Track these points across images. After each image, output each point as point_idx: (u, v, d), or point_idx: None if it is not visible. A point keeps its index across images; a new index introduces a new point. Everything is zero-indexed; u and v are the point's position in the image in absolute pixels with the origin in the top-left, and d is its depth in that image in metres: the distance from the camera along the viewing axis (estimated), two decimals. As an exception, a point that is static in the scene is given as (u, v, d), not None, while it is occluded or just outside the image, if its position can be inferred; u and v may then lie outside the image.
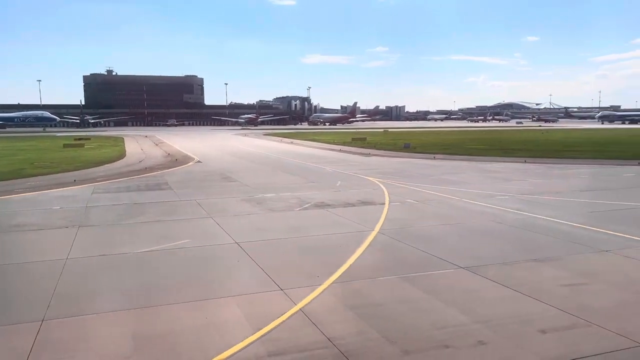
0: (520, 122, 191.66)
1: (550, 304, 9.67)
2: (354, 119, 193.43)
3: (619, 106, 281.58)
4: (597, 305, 9.68)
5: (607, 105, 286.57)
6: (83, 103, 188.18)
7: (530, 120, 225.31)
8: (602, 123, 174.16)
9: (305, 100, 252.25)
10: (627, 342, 8.09)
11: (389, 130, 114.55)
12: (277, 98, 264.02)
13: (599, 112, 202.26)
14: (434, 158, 43.53)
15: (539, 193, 23.60)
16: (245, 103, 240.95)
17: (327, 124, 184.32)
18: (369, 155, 47.94)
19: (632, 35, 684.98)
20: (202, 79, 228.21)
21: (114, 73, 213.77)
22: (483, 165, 37.09)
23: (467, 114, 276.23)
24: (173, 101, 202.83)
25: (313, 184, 27.56)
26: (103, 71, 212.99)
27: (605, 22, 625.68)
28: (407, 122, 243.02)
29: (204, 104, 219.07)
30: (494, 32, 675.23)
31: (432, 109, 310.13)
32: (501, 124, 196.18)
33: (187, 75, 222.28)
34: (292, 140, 75.06)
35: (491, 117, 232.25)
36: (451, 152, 49.29)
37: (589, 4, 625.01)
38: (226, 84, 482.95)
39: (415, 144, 59.63)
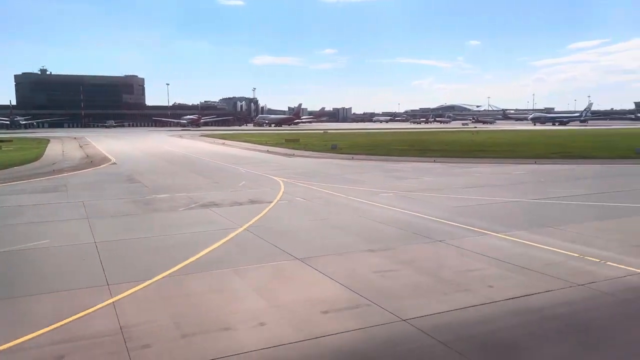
0: (466, 124, 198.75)
1: (351, 288, 10.65)
2: (299, 121, 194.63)
3: (553, 108, 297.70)
4: (390, 288, 10.75)
5: (542, 107, 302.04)
6: (14, 103, 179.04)
7: (470, 121, 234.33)
8: (535, 124, 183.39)
9: (252, 101, 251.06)
10: (392, 317, 9.12)
11: (329, 131, 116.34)
12: (223, 99, 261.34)
13: (531, 114, 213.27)
14: (352, 158, 44.92)
15: (423, 190, 25.12)
16: (190, 104, 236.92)
17: (273, 125, 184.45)
18: (292, 156, 48.75)
19: (567, 41, 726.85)
20: (143, 79, 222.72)
21: (48, 72, 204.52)
22: (392, 165, 38.71)
23: (411, 115, 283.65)
24: (112, 102, 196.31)
25: (216, 185, 27.99)
26: (36, 70, 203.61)
27: (543, 28, 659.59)
28: (354, 123, 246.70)
29: (145, 105, 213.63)
30: (439, 36, 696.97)
31: (379, 111, 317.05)
32: (442, 125, 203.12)
33: (127, 75, 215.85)
34: (224, 141, 74.89)
35: (433, 119, 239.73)
36: (373, 152, 50.91)
37: (527, 11, 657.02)
38: (168, 84, 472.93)
39: (344, 145, 61.06)
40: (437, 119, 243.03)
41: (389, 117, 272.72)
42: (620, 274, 11.51)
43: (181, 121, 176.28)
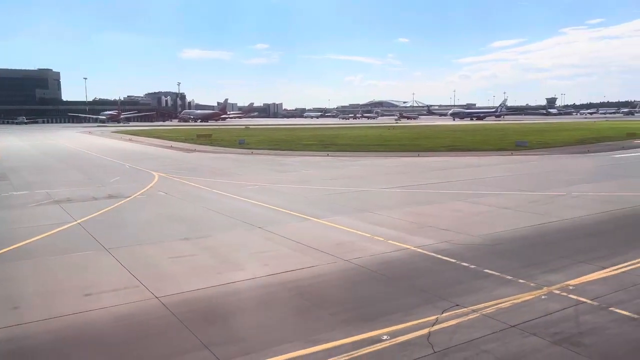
0: (399, 119, 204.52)
1: (132, 273, 11.39)
2: (226, 116, 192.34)
3: (474, 104, 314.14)
4: (171, 272, 11.61)
5: (464, 103, 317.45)
6: None
7: (397, 117, 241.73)
8: (454, 120, 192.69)
9: (178, 96, 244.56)
10: (149, 295, 9.97)
11: (251, 127, 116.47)
12: (148, 94, 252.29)
13: (448, 110, 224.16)
14: (252, 153, 45.69)
15: (291, 182, 26.34)
16: (112, 99, 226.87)
17: (199, 120, 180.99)
18: (193, 151, 48.70)
19: (489, 40, 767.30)
20: (58, 73, 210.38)
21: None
22: (284, 159, 39.87)
23: (341, 111, 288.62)
24: (24, 97, 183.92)
25: (87, 181, 27.71)
26: None
27: (467, 27, 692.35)
28: (284, 119, 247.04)
29: (61, 100, 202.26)
30: (370, 33, 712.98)
31: (311, 107, 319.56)
32: (369, 121, 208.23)
33: (41, 69, 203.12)
34: (132, 137, 73.09)
35: (360, 115, 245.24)
36: (276, 147, 51.88)
37: (452, 10, 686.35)
38: (85, 78, 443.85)
39: (253, 141, 61.66)
40: (365, 115, 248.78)
41: (320, 113, 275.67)
42: (388, 250, 13.08)
43: (100, 117, 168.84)
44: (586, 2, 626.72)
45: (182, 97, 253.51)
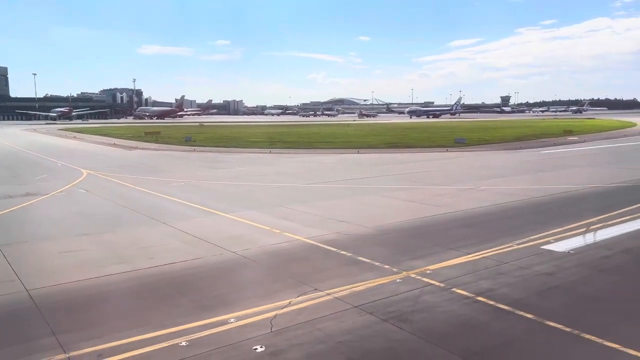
0: (364, 117, 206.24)
1: (14, 268, 11.52)
2: (183, 113, 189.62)
3: (433, 102, 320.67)
4: (49, 267, 11.81)
5: (422, 101, 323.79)
6: None
7: (357, 115, 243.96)
8: (411, 117, 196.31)
9: (134, 92, 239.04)
10: (20, 288, 10.18)
11: (205, 124, 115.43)
12: (103, 90, 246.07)
13: (406, 108, 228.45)
14: (194, 150, 45.57)
15: (218, 179, 26.61)
16: (65, 95, 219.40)
17: (154, 118, 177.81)
18: (134, 149, 48.13)
19: (448, 39, 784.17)
20: (5, 69, 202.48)
21: None
22: (223, 156, 40.09)
23: (302, 109, 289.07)
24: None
25: (11, 179, 27.18)
26: None
27: (426, 26, 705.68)
28: (245, 116, 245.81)
29: (9, 97, 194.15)
30: (332, 30, 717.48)
31: (274, 104, 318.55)
32: (329, 118, 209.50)
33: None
34: (76, 135, 71.32)
35: (320, 113, 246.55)
36: (222, 144, 51.87)
37: (412, 9, 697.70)
38: (34, 74, 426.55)
39: (201, 138, 61.44)
40: (326, 112, 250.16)
41: (281, 110, 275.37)
42: (279, 241, 13.66)
43: (50, 114, 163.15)
44: (540, 4, 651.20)
45: (139, 93, 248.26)
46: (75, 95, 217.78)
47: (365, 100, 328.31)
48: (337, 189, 23.26)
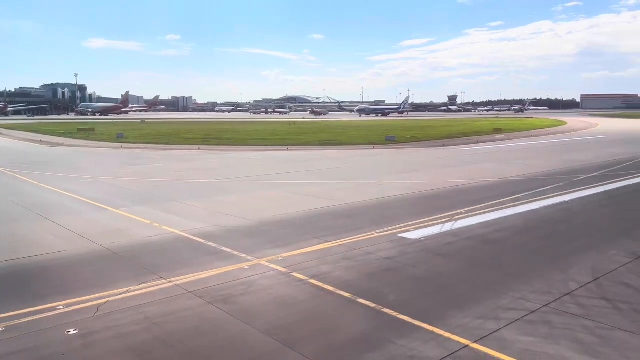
0: (319, 114, 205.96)
1: None
2: (128, 109, 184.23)
3: (384, 101, 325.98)
4: None
5: (374, 100, 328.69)
6: None
7: (309, 113, 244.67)
8: (360, 116, 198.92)
9: (78, 88, 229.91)
10: None
11: (147, 120, 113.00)
12: (44, 85, 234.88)
13: (356, 107, 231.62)
14: (121, 147, 44.87)
15: (129, 175, 26.50)
16: (1, 90, 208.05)
17: (97, 114, 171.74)
18: (60, 145, 46.75)
19: (400, 39, 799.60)
20: None
21: None
22: (148, 153, 39.77)
23: (253, 106, 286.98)
24: None
25: None
26: None
27: (379, 26, 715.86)
28: (194, 113, 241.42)
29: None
30: (286, 28, 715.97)
31: (226, 101, 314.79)
32: (280, 116, 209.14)
33: None
34: (2, 131, 68.26)
35: (272, 110, 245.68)
36: (155, 141, 51.19)
37: (364, 8, 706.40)
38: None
39: (138, 134, 60.67)
40: (277, 110, 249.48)
41: (232, 107, 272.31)
42: (152, 234, 14.07)
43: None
44: (487, 5, 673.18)
45: (83, 89, 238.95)
46: (13, 90, 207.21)
47: (317, 99, 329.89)
48: (244, 184, 23.76)
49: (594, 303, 9.39)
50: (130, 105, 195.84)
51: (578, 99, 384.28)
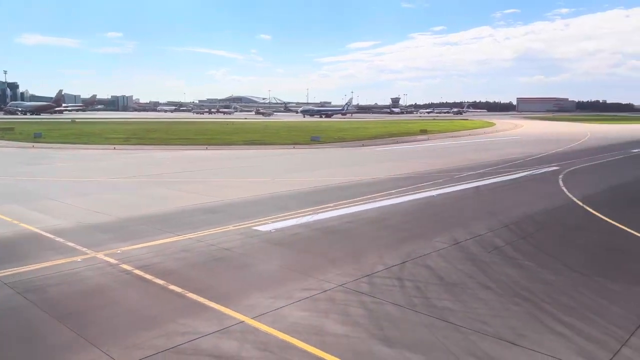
0: (264, 115, 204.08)
1: None
2: (62, 108, 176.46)
3: (330, 102, 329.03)
4: None
5: (321, 101, 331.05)
6: None
7: (254, 113, 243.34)
8: (304, 116, 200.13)
9: (9, 86, 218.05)
10: None
11: (78, 120, 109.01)
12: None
13: (301, 107, 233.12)
14: (33, 147, 43.35)
15: (16, 175, 25.95)
16: None
17: (29, 113, 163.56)
18: (-34, 145, 44.69)
19: (348, 41, 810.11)
20: None
21: None
22: (57, 152, 38.88)
23: (197, 106, 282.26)
24: None
25: None
26: None
27: (327, 27, 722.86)
28: (135, 112, 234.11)
29: None
30: (233, 27, 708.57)
31: (168, 100, 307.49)
32: (224, 116, 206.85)
33: None
34: None
35: (216, 110, 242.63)
36: (73, 141, 49.75)
37: (312, 9, 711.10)
38: None
39: (59, 134, 58.64)
40: (221, 110, 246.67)
41: (174, 107, 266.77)
42: (4, 231, 14.11)
43: None
44: (430, 10, 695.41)
45: (14, 87, 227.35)
46: None
47: (264, 99, 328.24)
48: (138, 182, 23.82)
49: (385, 282, 10.49)
50: (65, 105, 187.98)
51: (515, 102, 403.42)
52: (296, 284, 10.28)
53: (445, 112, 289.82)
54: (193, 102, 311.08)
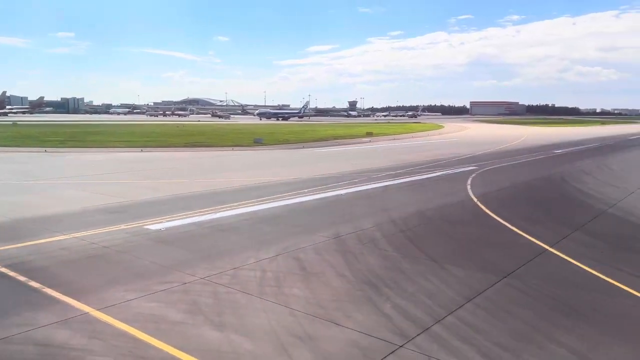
0: (220, 117, 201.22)
1: None
2: (6, 111, 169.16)
3: (289, 105, 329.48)
4: None
5: (280, 104, 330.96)
6: None
7: (210, 115, 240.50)
8: (261, 119, 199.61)
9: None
10: None
11: (20, 123, 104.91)
12: None
13: (257, 110, 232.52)
14: (-42, 150, 41.83)
15: None
16: None
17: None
18: None
19: (307, 44, 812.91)
20: None
21: None
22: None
23: (152, 108, 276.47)
24: None
25: None
26: None
27: (286, 30, 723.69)
28: (86, 115, 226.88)
29: None
30: (190, 28, 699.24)
31: (122, 102, 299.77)
32: (179, 118, 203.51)
33: None
34: None
35: (171, 112, 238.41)
36: (7, 144, 47.99)
37: (269, 12, 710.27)
38: None
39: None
40: (177, 112, 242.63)
41: (128, 110, 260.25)
42: None
43: None
44: (387, 15, 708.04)
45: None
46: None
47: (221, 101, 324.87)
48: (53, 184, 23.47)
49: (248, 274, 11.04)
50: (9, 107, 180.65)
51: (469, 106, 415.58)
52: (158, 278, 10.67)
53: (400, 116, 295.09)
54: (147, 104, 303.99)
